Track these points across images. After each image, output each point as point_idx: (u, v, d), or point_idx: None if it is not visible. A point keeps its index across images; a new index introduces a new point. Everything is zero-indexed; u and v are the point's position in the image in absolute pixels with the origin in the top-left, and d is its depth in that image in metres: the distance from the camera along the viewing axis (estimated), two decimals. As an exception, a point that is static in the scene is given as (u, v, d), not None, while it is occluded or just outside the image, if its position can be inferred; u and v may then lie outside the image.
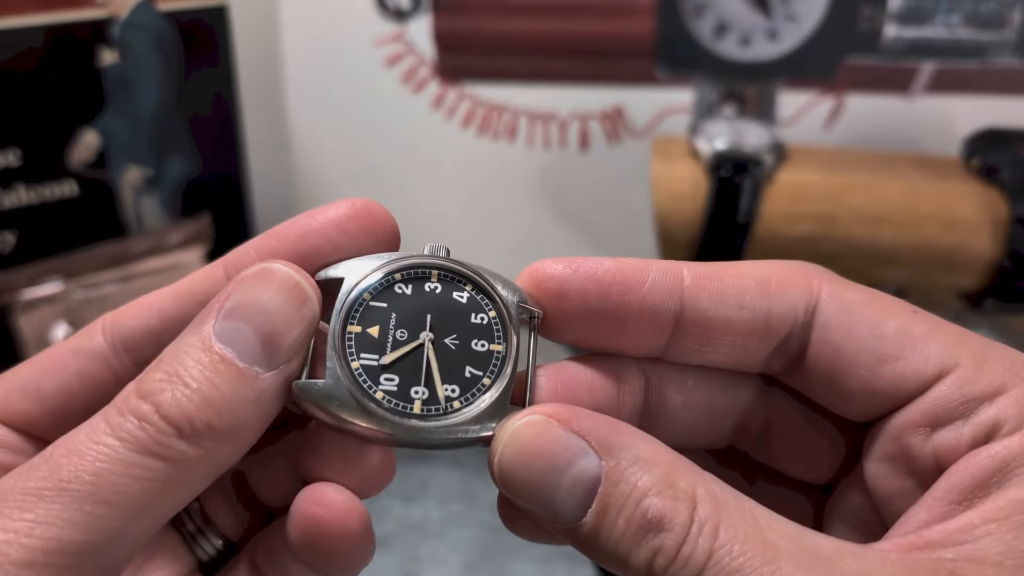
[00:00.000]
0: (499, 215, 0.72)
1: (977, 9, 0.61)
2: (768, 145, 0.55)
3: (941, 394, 0.22)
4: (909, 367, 0.22)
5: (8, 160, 0.55)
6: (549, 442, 0.21)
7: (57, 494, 0.20)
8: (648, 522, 0.20)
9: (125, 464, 0.20)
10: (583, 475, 0.21)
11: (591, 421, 0.22)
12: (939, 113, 0.65)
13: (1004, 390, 0.21)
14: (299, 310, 0.22)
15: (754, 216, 0.53)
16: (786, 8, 0.63)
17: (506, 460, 0.22)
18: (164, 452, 0.21)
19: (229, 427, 0.21)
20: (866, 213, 0.52)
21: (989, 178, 0.53)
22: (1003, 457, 0.21)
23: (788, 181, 0.54)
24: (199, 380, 0.21)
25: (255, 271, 0.23)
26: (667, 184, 0.55)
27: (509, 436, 0.22)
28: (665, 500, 0.20)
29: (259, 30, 0.72)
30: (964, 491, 0.21)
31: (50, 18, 0.54)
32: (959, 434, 0.22)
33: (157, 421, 0.21)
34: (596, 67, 0.67)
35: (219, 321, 0.22)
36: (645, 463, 0.21)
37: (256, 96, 0.69)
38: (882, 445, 0.23)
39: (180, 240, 0.62)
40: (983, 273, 0.52)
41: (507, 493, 0.22)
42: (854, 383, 0.23)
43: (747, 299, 0.24)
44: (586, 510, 0.21)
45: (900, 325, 0.23)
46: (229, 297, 0.22)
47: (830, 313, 0.23)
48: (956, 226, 0.52)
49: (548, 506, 0.21)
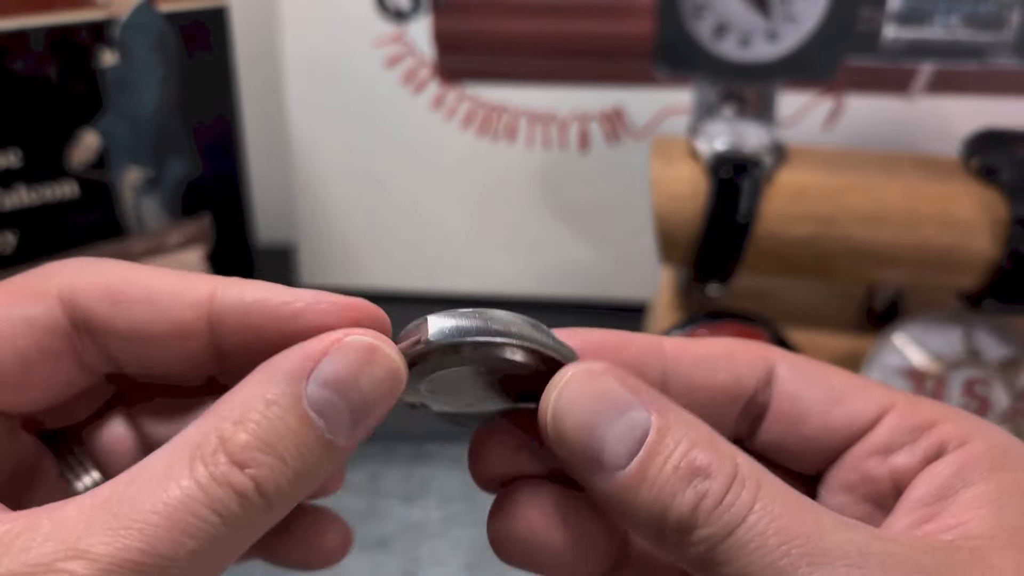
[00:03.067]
0: (499, 215, 0.72)
1: (976, 10, 0.61)
2: (768, 146, 0.55)
3: (888, 426, 0.25)
4: (856, 407, 0.25)
5: (9, 161, 0.55)
6: (606, 389, 0.23)
7: (154, 570, 0.19)
8: (696, 468, 0.21)
9: (219, 540, 0.20)
10: (634, 422, 0.22)
11: (639, 383, 0.23)
12: (938, 114, 0.65)
13: (938, 422, 0.24)
14: (392, 393, 0.23)
15: (754, 217, 0.53)
16: (785, 9, 0.63)
17: (564, 397, 0.23)
18: (251, 524, 0.21)
19: (305, 494, 0.22)
20: (866, 214, 0.53)
21: (989, 179, 0.53)
22: (959, 464, 0.23)
23: (788, 182, 0.54)
24: (293, 455, 0.21)
25: (359, 344, 0.22)
26: (667, 185, 0.55)
27: (568, 377, 0.23)
28: (711, 453, 0.22)
29: (259, 31, 0.72)
30: (934, 495, 0.23)
31: (50, 19, 0.54)
32: (912, 454, 0.24)
33: (255, 497, 0.21)
34: (596, 67, 0.67)
35: (314, 387, 0.22)
36: (690, 423, 0.23)
37: (256, 97, 0.69)
38: (838, 478, 0.26)
39: (180, 240, 0.62)
40: (982, 273, 0.52)
41: (555, 435, 0.23)
42: (811, 427, 0.26)
43: (721, 363, 0.26)
44: (631, 457, 0.22)
45: (842, 380, 0.26)
46: (326, 361, 0.22)
47: (783, 371, 0.26)
48: (955, 227, 0.52)
49: (595, 449, 0.22)
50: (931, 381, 0.52)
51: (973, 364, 0.52)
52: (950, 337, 0.53)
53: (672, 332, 0.55)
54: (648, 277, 0.68)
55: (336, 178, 0.72)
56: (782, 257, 0.54)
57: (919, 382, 0.52)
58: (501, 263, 0.73)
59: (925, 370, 0.52)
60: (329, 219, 0.73)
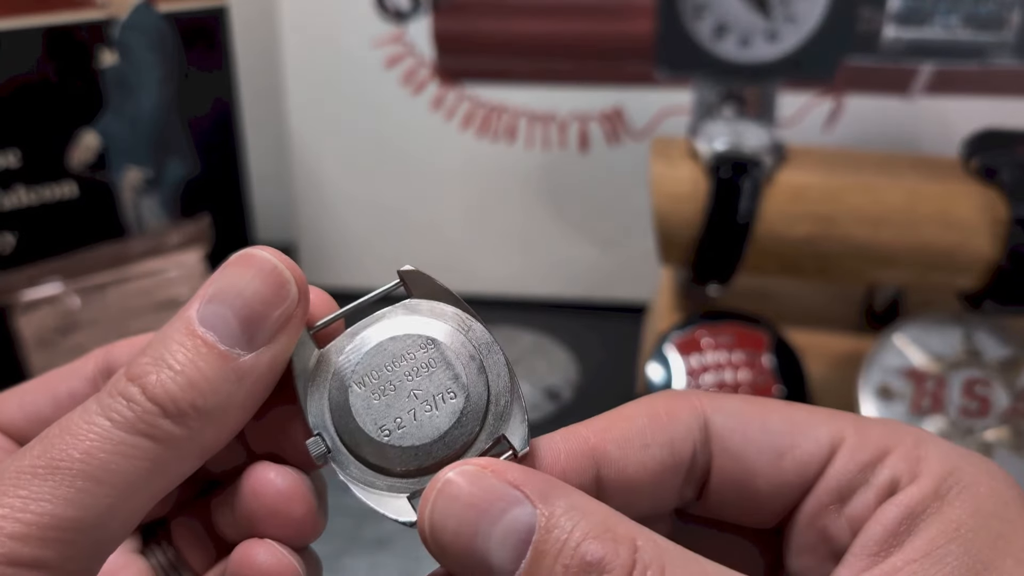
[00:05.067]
0: (498, 216, 0.72)
1: (976, 10, 0.61)
2: (768, 146, 0.55)
3: (838, 469, 0.24)
4: (804, 451, 0.24)
5: (8, 161, 0.55)
6: (482, 489, 0.21)
7: (50, 472, 0.21)
8: (588, 564, 0.20)
9: (114, 443, 0.21)
10: (517, 522, 0.21)
11: (525, 474, 0.22)
12: (938, 114, 0.65)
13: (890, 450, 0.23)
14: (276, 292, 0.23)
15: (754, 217, 0.53)
16: (785, 9, 0.63)
17: (437, 510, 0.21)
18: (151, 431, 0.22)
19: (213, 407, 0.22)
20: (865, 214, 0.53)
21: (988, 179, 0.53)
22: (908, 505, 0.22)
23: (787, 182, 0.54)
24: (183, 363, 0.22)
25: (237, 257, 0.24)
26: (667, 185, 0.55)
27: (441, 484, 0.22)
28: (605, 543, 0.20)
29: (259, 31, 0.72)
30: (880, 542, 0.22)
31: (49, 19, 0.54)
32: (866, 499, 0.23)
33: (143, 401, 0.22)
34: (596, 68, 0.67)
35: (202, 306, 0.23)
36: (581, 511, 0.21)
37: (256, 97, 0.69)
38: (800, 539, 0.24)
39: (180, 241, 0.62)
40: (982, 273, 0.52)
41: (436, 549, 0.22)
42: (762, 482, 0.24)
43: (649, 436, 0.24)
44: (520, 560, 0.20)
45: (782, 419, 0.24)
46: (212, 283, 0.23)
47: (720, 424, 0.24)
48: (955, 227, 0.52)
49: (480, 558, 0.21)
50: (931, 381, 0.52)
51: (973, 364, 0.52)
52: (950, 337, 0.53)
53: (672, 332, 0.55)
54: (648, 277, 0.68)
55: (336, 178, 0.72)
56: (782, 257, 0.54)
57: (919, 382, 0.52)
58: (501, 263, 0.73)
59: (925, 370, 0.52)
60: (329, 219, 0.73)
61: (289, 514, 0.24)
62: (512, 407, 0.24)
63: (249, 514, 0.24)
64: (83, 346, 0.58)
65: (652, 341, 0.57)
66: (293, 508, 0.24)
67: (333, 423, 0.24)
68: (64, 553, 0.20)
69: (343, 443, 0.24)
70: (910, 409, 0.52)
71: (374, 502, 0.24)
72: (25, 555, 0.20)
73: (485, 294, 0.73)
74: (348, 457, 0.24)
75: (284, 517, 0.24)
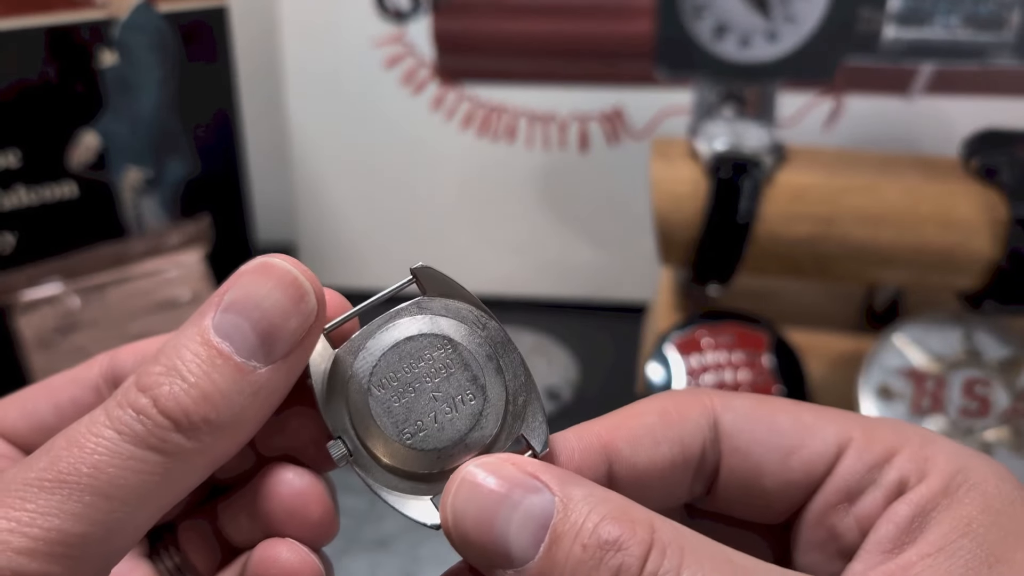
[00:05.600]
0: (498, 216, 0.72)
1: (976, 10, 0.61)
2: (768, 146, 0.55)
3: (846, 468, 0.24)
4: (813, 450, 0.24)
5: (8, 161, 0.55)
6: (502, 478, 0.21)
7: (57, 486, 0.20)
8: (605, 543, 0.20)
9: (123, 457, 0.21)
10: (535, 508, 0.21)
11: (543, 466, 0.22)
12: (938, 114, 0.65)
13: (897, 450, 0.24)
14: (296, 305, 0.22)
15: (753, 217, 0.53)
16: (785, 9, 0.63)
17: (459, 499, 0.22)
18: (162, 445, 0.21)
19: (226, 421, 0.22)
20: (865, 214, 0.53)
21: (988, 179, 0.53)
22: (918, 503, 0.23)
23: (787, 182, 0.54)
24: (197, 375, 0.21)
25: (255, 265, 0.23)
26: (667, 185, 0.55)
27: (463, 475, 0.22)
28: (623, 524, 0.21)
29: (259, 31, 0.72)
30: (892, 539, 0.22)
31: (50, 19, 0.54)
32: (875, 499, 0.24)
33: (155, 415, 0.21)
34: (596, 68, 0.67)
35: (218, 315, 0.22)
36: (598, 498, 0.21)
37: (256, 97, 0.69)
38: (808, 536, 0.25)
39: (180, 241, 0.62)
40: (982, 274, 0.52)
41: (458, 538, 0.22)
42: (769, 480, 0.25)
43: (660, 434, 0.24)
44: (539, 546, 0.21)
45: (792, 419, 0.25)
46: (228, 291, 0.22)
47: (729, 422, 0.25)
48: (955, 227, 0.52)
49: (500, 545, 0.21)
50: (931, 381, 0.52)
51: (973, 364, 0.52)
52: (950, 337, 0.53)
53: (672, 332, 0.55)
54: (648, 277, 0.68)
55: (336, 178, 0.72)
56: (782, 257, 0.54)
57: (919, 382, 0.52)
58: (501, 263, 0.73)
59: (925, 370, 0.52)
60: (329, 219, 0.73)
61: (308, 515, 0.24)
62: (530, 406, 0.24)
63: (267, 515, 0.24)
64: (83, 346, 0.58)
65: (652, 341, 0.57)
66: (311, 509, 0.24)
67: (353, 426, 0.24)
68: (71, 568, 0.20)
69: (363, 446, 0.24)
70: (910, 409, 0.52)
71: (399, 505, 0.24)
72: (32, 570, 0.20)
73: (485, 294, 0.73)
74: (370, 460, 0.24)
75: (302, 518, 0.24)
